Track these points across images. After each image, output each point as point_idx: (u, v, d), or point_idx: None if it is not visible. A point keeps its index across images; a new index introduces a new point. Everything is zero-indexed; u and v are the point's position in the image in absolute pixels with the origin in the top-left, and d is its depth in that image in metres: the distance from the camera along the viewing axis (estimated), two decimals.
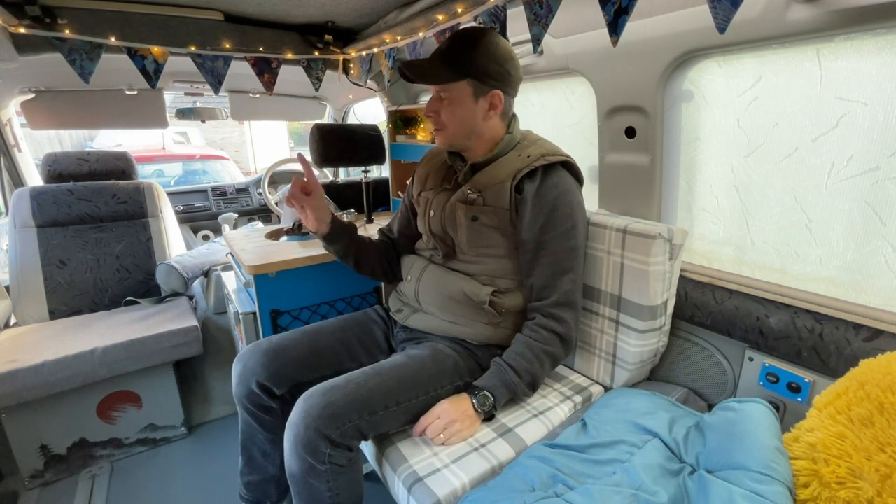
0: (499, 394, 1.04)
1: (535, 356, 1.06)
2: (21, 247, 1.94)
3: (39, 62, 1.55)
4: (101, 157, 2.20)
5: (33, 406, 1.57)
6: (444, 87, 1.07)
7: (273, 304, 1.43)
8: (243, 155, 10.31)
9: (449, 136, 1.12)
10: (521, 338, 1.09)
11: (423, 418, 1.02)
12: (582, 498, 0.79)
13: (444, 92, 1.08)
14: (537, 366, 1.06)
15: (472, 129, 1.10)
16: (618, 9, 0.84)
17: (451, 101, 1.08)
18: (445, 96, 1.08)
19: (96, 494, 1.58)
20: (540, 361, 1.06)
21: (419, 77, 1.07)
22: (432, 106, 1.11)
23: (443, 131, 1.12)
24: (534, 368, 1.05)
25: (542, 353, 1.06)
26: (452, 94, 1.07)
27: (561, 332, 1.07)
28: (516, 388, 1.05)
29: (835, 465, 0.70)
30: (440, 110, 1.09)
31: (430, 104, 1.11)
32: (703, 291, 1.17)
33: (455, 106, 1.08)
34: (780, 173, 1.07)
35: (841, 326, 0.93)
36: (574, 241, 1.08)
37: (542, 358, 1.06)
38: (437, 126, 1.12)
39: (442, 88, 1.08)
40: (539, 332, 1.07)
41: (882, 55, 0.87)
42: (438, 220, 1.17)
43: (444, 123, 1.10)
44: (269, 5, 1.44)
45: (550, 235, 1.06)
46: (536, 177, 1.07)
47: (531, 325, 1.09)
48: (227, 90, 2.58)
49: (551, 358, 1.08)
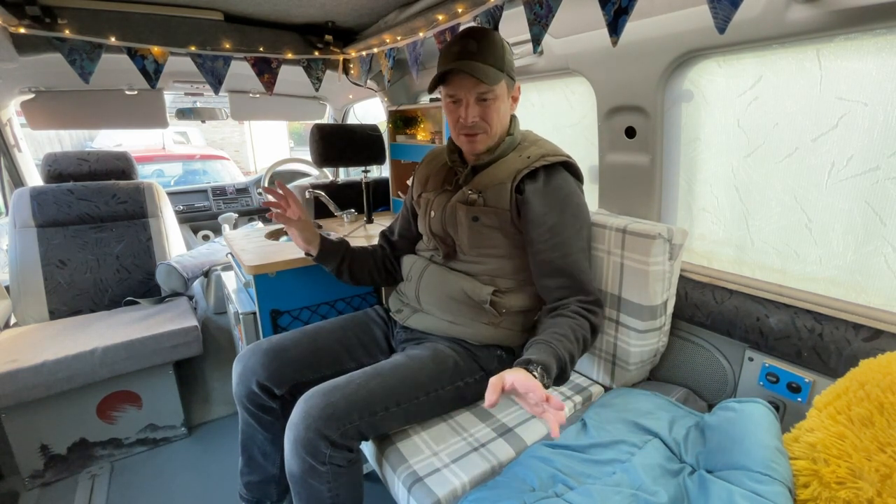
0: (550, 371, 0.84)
1: (577, 339, 0.95)
2: (21, 247, 1.94)
3: (39, 62, 1.55)
4: (101, 157, 2.20)
5: (33, 406, 1.57)
6: (489, 88, 1.03)
7: (273, 304, 1.43)
8: (243, 155, 10.31)
9: (491, 136, 1.09)
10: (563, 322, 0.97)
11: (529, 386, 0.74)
12: (582, 498, 0.79)
13: (489, 93, 1.04)
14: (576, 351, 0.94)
15: (504, 127, 1.11)
16: (618, 9, 0.84)
17: (494, 101, 1.05)
18: (489, 97, 1.05)
19: (96, 494, 1.58)
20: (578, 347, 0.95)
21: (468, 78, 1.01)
22: (473, 112, 1.05)
23: (485, 135, 1.08)
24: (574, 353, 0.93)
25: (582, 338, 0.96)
26: (496, 94, 1.04)
27: (596, 322, 1.01)
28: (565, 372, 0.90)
29: (835, 465, 0.70)
30: (486, 113, 1.06)
31: (471, 109, 1.05)
32: (703, 291, 1.17)
33: (500, 104, 1.06)
34: (780, 173, 1.07)
35: (841, 326, 0.93)
36: (584, 241, 1.09)
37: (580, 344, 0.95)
38: (480, 130, 1.07)
39: (487, 90, 1.04)
40: (578, 318, 0.99)
41: (882, 55, 0.87)
42: (439, 221, 1.17)
43: (490, 125, 1.07)
44: (269, 5, 1.44)
45: (564, 237, 1.05)
46: (538, 177, 1.07)
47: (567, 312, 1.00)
48: (227, 90, 2.58)
49: (583, 346, 0.97)
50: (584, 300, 1.03)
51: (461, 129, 1.09)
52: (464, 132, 1.09)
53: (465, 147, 1.13)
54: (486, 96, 1.04)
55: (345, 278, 1.32)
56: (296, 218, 1.23)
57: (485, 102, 1.05)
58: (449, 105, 1.09)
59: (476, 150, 1.11)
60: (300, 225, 1.23)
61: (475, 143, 1.10)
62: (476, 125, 1.07)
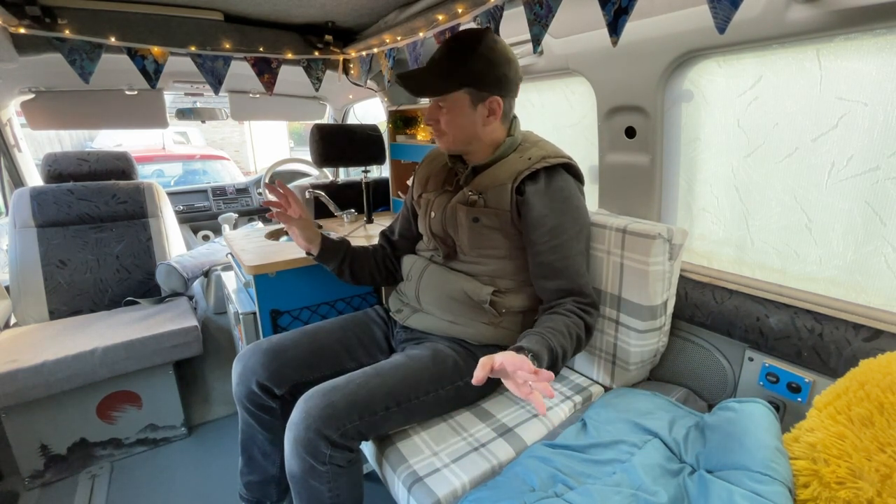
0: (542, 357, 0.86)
1: (570, 335, 0.96)
2: (21, 247, 1.94)
3: (39, 62, 1.55)
4: (101, 157, 2.20)
5: (33, 406, 1.57)
6: (443, 97, 1.06)
7: (273, 304, 1.43)
8: (243, 155, 10.31)
9: (449, 142, 1.12)
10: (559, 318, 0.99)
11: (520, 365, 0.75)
12: (582, 498, 0.79)
13: (442, 101, 1.07)
14: (569, 346, 0.95)
15: (472, 136, 1.10)
16: (618, 9, 0.84)
17: (449, 110, 1.07)
18: (444, 105, 1.07)
19: (96, 494, 1.58)
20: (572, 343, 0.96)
21: (414, 89, 1.07)
22: (431, 114, 1.10)
23: (443, 138, 1.12)
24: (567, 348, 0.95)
25: (576, 336, 0.98)
26: (450, 104, 1.07)
27: (590, 322, 1.02)
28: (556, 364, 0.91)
29: (835, 465, 0.70)
30: (439, 118, 1.09)
31: (429, 112, 1.11)
32: (703, 291, 1.17)
33: (453, 115, 1.07)
34: (780, 173, 1.07)
35: (841, 326, 0.93)
36: (583, 243, 1.09)
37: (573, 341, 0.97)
38: (438, 133, 1.12)
39: (440, 98, 1.07)
40: (573, 317, 1.00)
41: (882, 55, 0.87)
42: (439, 222, 1.17)
43: (444, 131, 1.10)
44: (269, 5, 1.44)
45: (563, 239, 1.05)
46: (539, 179, 1.07)
47: (562, 311, 1.01)
48: (227, 90, 2.58)
49: (577, 343, 0.99)
50: (579, 300, 1.04)
51: None
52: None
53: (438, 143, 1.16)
54: (440, 104, 1.08)
55: (346, 277, 1.32)
56: (297, 216, 1.23)
57: (440, 109, 1.08)
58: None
59: (442, 148, 1.16)
60: (301, 224, 1.23)
61: (440, 142, 1.14)
62: (434, 127, 1.11)
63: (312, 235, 1.26)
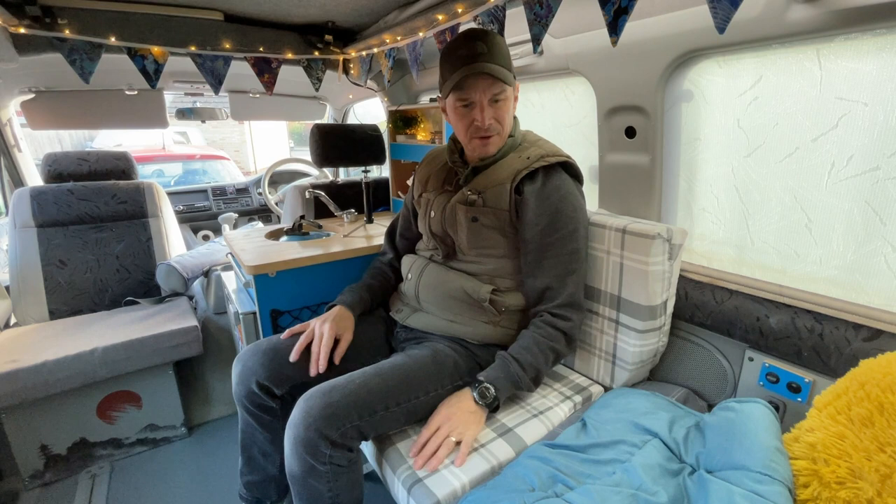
0: (502, 386, 1.01)
1: (541, 351, 1.04)
2: (21, 247, 1.94)
3: (39, 62, 1.55)
4: (101, 157, 2.20)
5: (33, 406, 1.57)
6: (503, 89, 1.04)
7: (273, 304, 1.43)
8: (243, 155, 10.31)
9: (503, 137, 1.10)
10: (527, 333, 1.07)
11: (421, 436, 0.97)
12: (582, 498, 0.79)
13: (502, 95, 1.05)
14: (542, 360, 1.04)
15: (509, 128, 1.12)
16: (618, 9, 0.84)
17: (505, 102, 1.06)
18: (502, 98, 1.06)
19: (96, 494, 1.58)
20: (545, 357, 1.05)
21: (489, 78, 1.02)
22: (490, 113, 1.05)
23: (498, 136, 1.10)
24: (538, 363, 1.04)
25: (548, 349, 1.05)
26: (507, 95, 1.06)
27: (566, 329, 1.06)
28: (520, 381, 1.03)
29: (835, 465, 0.70)
30: (499, 114, 1.07)
31: (486, 112, 1.05)
32: (702, 291, 1.17)
33: (509, 106, 1.08)
34: (779, 173, 1.07)
35: (841, 326, 0.93)
36: (576, 243, 1.08)
37: (547, 354, 1.05)
38: (495, 132, 1.08)
39: (501, 92, 1.05)
40: (545, 328, 1.06)
41: (882, 55, 0.87)
42: (439, 221, 1.17)
43: (503, 126, 1.09)
44: (269, 5, 1.44)
45: (554, 238, 1.06)
46: (537, 178, 1.07)
47: (537, 322, 1.08)
48: (227, 90, 2.58)
49: (555, 354, 1.06)
50: (557, 305, 1.06)
51: (475, 133, 1.09)
52: (478, 135, 1.09)
53: (479, 150, 1.12)
54: (499, 97, 1.05)
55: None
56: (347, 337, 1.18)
57: (497, 104, 1.06)
58: (460, 109, 1.08)
59: (489, 152, 1.12)
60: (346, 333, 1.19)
61: (488, 147, 1.10)
62: (491, 127, 1.07)
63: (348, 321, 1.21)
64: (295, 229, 1.84)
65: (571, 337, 1.08)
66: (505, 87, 1.04)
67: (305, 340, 1.12)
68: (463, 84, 1.04)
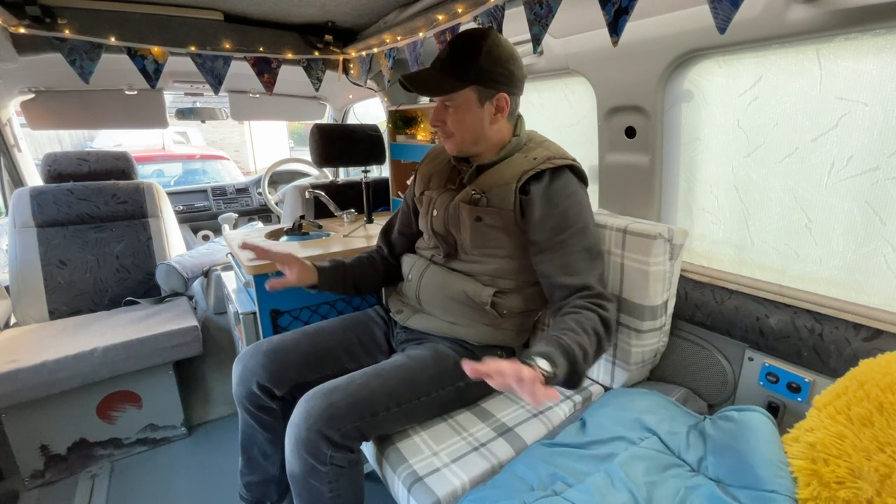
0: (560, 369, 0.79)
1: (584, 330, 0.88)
2: (21, 247, 1.94)
3: (39, 62, 1.55)
4: (100, 157, 2.20)
5: (33, 406, 1.57)
6: (448, 95, 1.05)
7: (273, 304, 1.43)
8: (243, 155, 10.31)
9: (458, 143, 1.11)
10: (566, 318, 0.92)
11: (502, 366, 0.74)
12: (581, 496, 0.79)
13: (448, 101, 1.06)
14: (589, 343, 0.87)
15: (479, 135, 1.09)
16: (618, 9, 0.84)
17: (456, 109, 1.06)
18: (450, 105, 1.06)
19: (96, 494, 1.58)
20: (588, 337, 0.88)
21: (421, 89, 1.05)
22: (438, 115, 1.09)
23: (451, 139, 1.10)
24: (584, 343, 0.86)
25: (592, 329, 0.90)
26: (457, 102, 1.05)
27: (603, 315, 0.94)
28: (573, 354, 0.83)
29: (834, 464, 0.70)
30: (446, 119, 1.08)
31: (435, 113, 1.09)
32: (703, 291, 1.17)
33: (461, 114, 1.06)
34: (779, 173, 1.08)
35: (841, 326, 0.93)
36: (587, 240, 1.04)
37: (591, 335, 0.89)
38: (445, 135, 1.11)
39: (447, 97, 1.06)
40: (582, 312, 0.93)
41: (882, 55, 0.87)
42: (441, 220, 1.17)
43: (452, 132, 1.09)
44: (269, 5, 1.44)
45: (564, 235, 1.03)
46: (543, 179, 1.06)
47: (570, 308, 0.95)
48: (227, 90, 2.58)
49: (597, 338, 0.90)
50: (586, 294, 0.98)
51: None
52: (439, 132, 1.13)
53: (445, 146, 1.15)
54: (447, 103, 1.07)
55: (351, 293, 1.32)
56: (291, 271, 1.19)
57: (447, 109, 1.07)
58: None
59: (450, 151, 1.14)
60: (298, 272, 1.19)
61: (447, 144, 1.13)
62: (441, 129, 1.10)
63: (306, 272, 1.21)
64: (295, 229, 1.84)
65: (610, 325, 0.94)
66: (452, 96, 1.05)
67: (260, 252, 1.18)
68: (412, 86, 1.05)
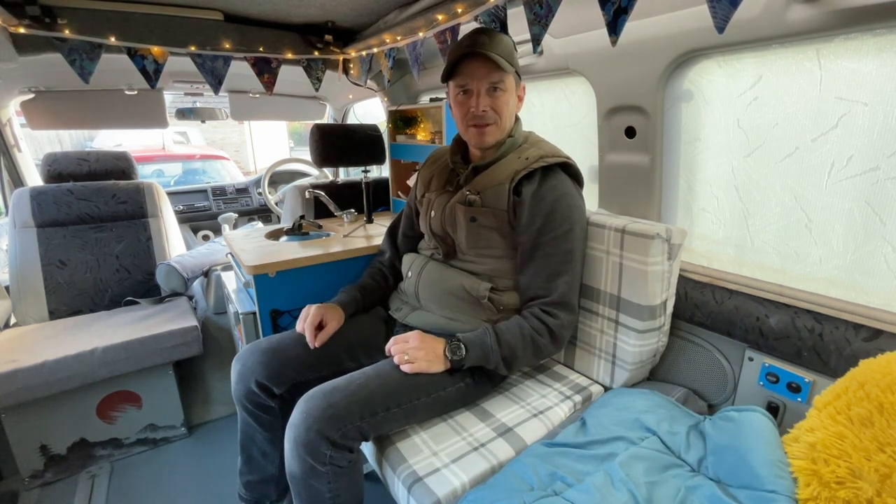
0: (473, 351, 1.02)
1: (522, 337, 1.04)
2: (21, 247, 1.94)
3: (39, 62, 1.55)
4: (100, 157, 2.20)
5: (33, 406, 1.57)
6: (502, 77, 1.05)
7: (273, 304, 1.43)
8: (243, 155, 10.31)
9: (501, 129, 1.10)
10: (517, 318, 1.08)
11: (397, 338, 1.04)
12: (581, 495, 0.79)
13: (501, 83, 1.06)
14: (520, 346, 1.03)
15: (511, 122, 1.12)
16: (617, 9, 0.84)
17: (505, 91, 1.07)
18: (502, 87, 1.06)
19: (96, 494, 1.58)
20: (524, 343, 1.04)
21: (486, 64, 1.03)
22: (486, 101, 1.07)
23: (495, 125, 1.09)
24: (515, 347, 1.03)
25: (530, 338, 1.04)
26: (507, 85, 1.07)
27: (553, 326, 1.05)
28: (491, 354, 1.02)
29: (834, 464, 0.70)
30: (498, 103, 1.07)
31: (482, 99, 1.06)
32: (702, 291, 1.17)
33: (508, 97, 1.08)
34: (779, 173, 1.07)
35: (841, 326, 0.93)
36: (570, 244, 1.08)
37: (527, 342, 1.04)
38: (491, 120, 1.08)
39: (500, 80, 1.06)
40: (532, 319, 1.06)
41: (882, 55, 0.87)
42: (439, 221, 1.18)
43: (500, 116, 1.08)
44: (269, 5, 1.44)
45: (547, 237, 1.06)
46: (535, 178, 1.07)
47: (526, 313, 1.08)
48: (227, 90, 2.58)
49: (535, 347, 1.05)
50: (547, 302, 1.06)
51: (471, 120, 1.09)
52: (473, 122, 1.09)
53: (475, 139, 1.12)
54: (497, 86, 1.06)
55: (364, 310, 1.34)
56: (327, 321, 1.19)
57: (496, 92, 1.06)
58: (458, 97, 1.10)
59: (485, 142, 1.11)
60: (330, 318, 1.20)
61: (485, 135, 1.10)
62: (486, 115, 1.07)
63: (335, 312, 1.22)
64: (295, 229, 1.84)
65: (557, 335, 1.06)
66: (504, 77, 1.05)
67: (301, 321, 1.18)
68: (461, 69, 1.05)
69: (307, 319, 1.16)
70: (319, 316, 1.17)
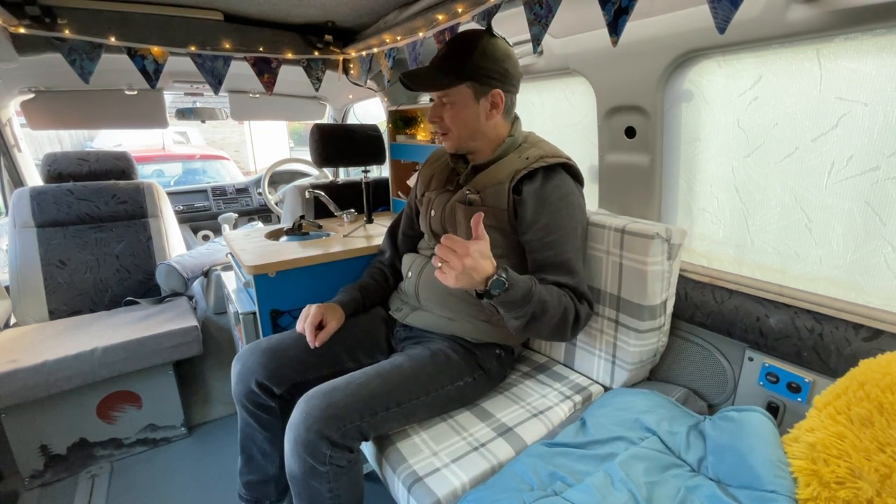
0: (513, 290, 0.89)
1: (559, 304, 0.96)
2: (21, 247, 1.94)
3: (39, 62, 1.55)
4: (100, 157, 2.20)
5: (33, 406, 1.57)
6: (445, 92, 1.08)
7: (273, 304, 1.43)
8: (243, 155, 10.31)
9: (454, 139, 1.13)
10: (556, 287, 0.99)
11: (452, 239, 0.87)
12: (580, 495, 0.79)
13: (445, 97, 1.09)
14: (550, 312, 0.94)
15: (476, 131, 1.11)
16: (618, 9, 0.84)
17: (452, 105, 1.09)
18: (447, 101, 1.09)
19: (96, 494, 1.58)
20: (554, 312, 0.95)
21: (419, 85, 1.09)
22: (436, 112, 1.12)
23: (448, 135, 1.13)
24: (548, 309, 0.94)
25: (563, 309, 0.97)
26: (453, 99, 1.08)
27: (581, 312, 1.01)
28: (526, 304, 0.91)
29: (834, 464, 0.70)
30: (443, 115, 1.11)
31: (433, 110, 1.12)
32: (702, 291, 1.17)
33: (457, 109, 1.09)
34: (779, 173, 1.07)
35: (841, 326, 0.93)
36: (576, 242, 1.08)
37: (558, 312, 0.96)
38: (442, 131, 1.13)
39: (444, 94, 1.09)
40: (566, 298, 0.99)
41: (882, 55, 0.87)
42: (439, 220, 1.18)
43: (449, 128, 1.11)
44: (269, 5, 1.44)
45: (555, 237, 1.05)
46: (536, 178, 1.07)
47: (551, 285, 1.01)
48: (227, 90, 2.58)
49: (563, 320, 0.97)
50: (576, 291, 1.03)
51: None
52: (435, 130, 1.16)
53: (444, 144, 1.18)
54: (444, 100, 1.10)
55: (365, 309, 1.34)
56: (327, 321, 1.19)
57: (444, 106, 1.11)
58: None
59: (448, 148, 1.17)
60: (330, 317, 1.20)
61: (445, 142, 1.16)
62: (439, 125, 1.13)
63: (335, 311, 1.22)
64: (295, 229, 1.84)
65: (580, 322, 1.01)
66: (449, 91, 1.08)
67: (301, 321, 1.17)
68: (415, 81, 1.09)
69: (307, 319, 1.16)
70: (319, 316, 1.17)
